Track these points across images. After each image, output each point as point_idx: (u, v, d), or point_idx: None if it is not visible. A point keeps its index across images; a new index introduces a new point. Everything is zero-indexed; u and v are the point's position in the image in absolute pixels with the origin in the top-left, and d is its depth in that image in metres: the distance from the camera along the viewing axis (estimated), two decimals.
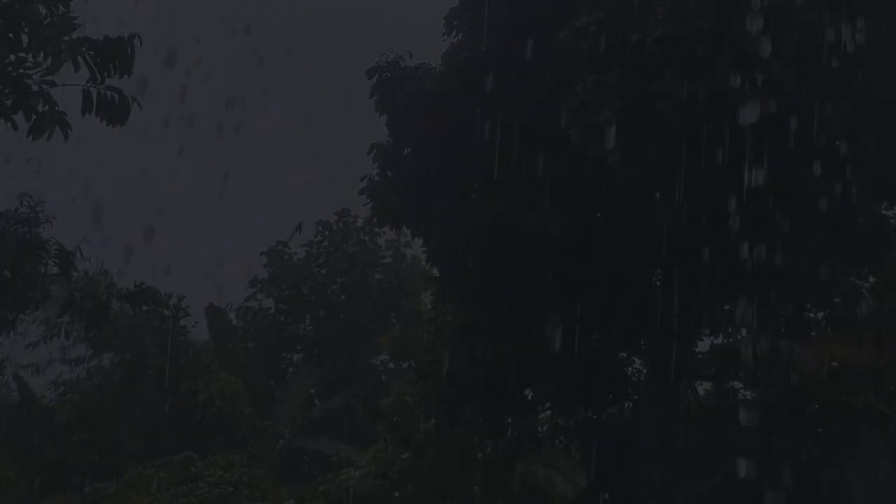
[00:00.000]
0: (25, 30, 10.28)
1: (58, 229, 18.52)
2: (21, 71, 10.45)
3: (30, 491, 27.51)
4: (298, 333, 39.25)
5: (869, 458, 16.27)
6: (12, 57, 10.38)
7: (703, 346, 19.54)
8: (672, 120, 14.69)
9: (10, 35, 10.26)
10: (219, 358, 34.24)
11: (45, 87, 10.45)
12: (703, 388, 20.04)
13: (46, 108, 10.42)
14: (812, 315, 18.62)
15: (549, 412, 21.11)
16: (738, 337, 19.08)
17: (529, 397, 20.39)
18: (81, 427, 30.70)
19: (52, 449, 30.01)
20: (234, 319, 38.53)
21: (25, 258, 17.44)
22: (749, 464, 15.06)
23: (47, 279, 16.83)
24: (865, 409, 16.22)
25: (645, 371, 19.79)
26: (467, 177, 18.64)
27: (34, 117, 10.41)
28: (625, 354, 20.02)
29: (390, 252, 39.36)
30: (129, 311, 25.15)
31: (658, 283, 18.88)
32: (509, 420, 20.62)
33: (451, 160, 18.06)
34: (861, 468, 16.43)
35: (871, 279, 18.14)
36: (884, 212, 17.65)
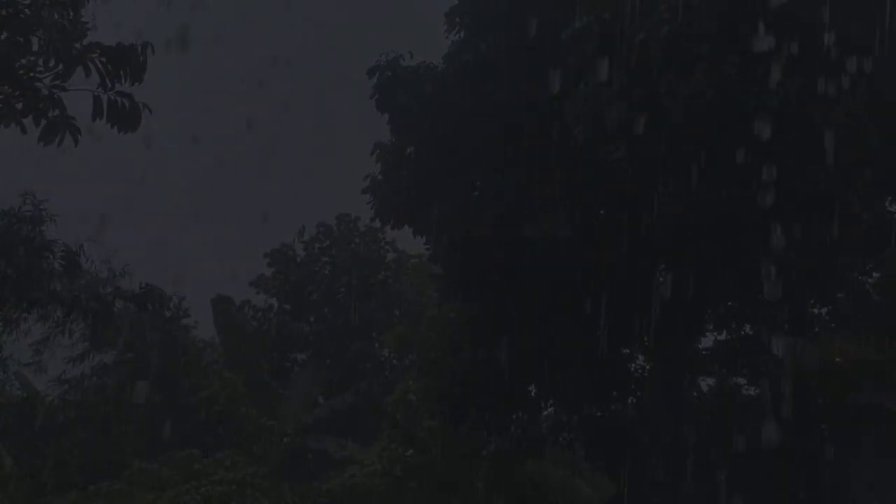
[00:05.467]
0: (37, 34, 10.25)
1: (60, 227, 18.53)
2: (32, 75, 10.43)
3: (33, 489, 27.53)
4: (302, 332, 39.48)
5: (873, 454, 16.29)
6: (23, 61, 10.35)
7: (706, 342, 19.58)
8: (678, 119, 14.67)
9: (21, 39, 10.23)
10: (225, 353, 34.32)
11: (55, 91, 10.42)
12: (706, 384, 20.08)
13: (56, 112, 10.39)
14: (816, 311, 18.64)
15: (552, 409, 21.14)
16: (742, 333, 19.13)
17: (533, 394, 20.41)
18: (84, 425, 30.70)
19: (54, 447, 30.01)
20: (236, 314, 38.67)
21: (30, 257, 17.38)
22: (752, 459, 15.09)
23: (53, 279, 16.77)
24: (870, 405, 16.23)
25: (648, 367, 19.81)
26: (470, 175, 18.63)
27: (44, 122, 10.38)
28: (628, 351, 20.04)
29: (391, 253, 39.57)
30: (132, 310, 25.11)
31: (661, 280, 18.88)
32: (514, 417, 20.64)
33: (454, 159, 18.05)
34: (865, 464, 16.45)
35: (875, 275, 18.15)
36: (888, 207, 17.66)
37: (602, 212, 18.17)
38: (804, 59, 14.18)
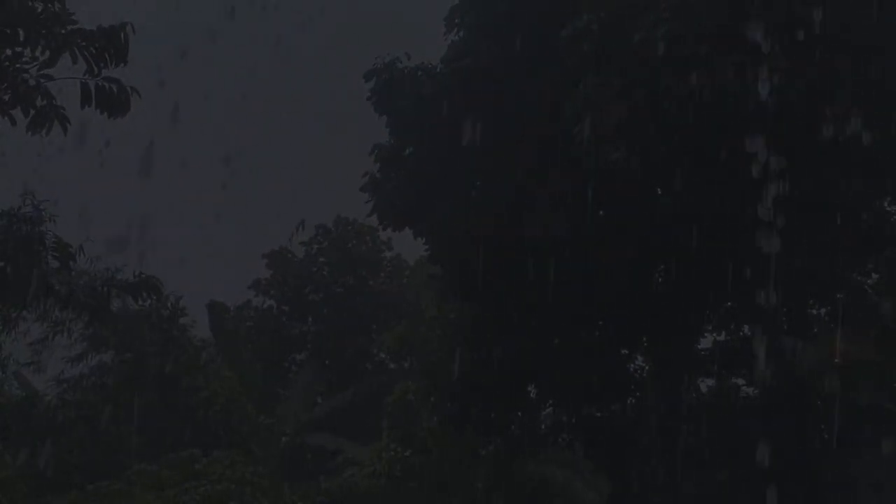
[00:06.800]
0: (23, 25, 10.16)
1: (59, 227, 18.51)
2: (18, 65, 10.37)
3: (31, 489, 27.49)
4: (301, 332, 39.50)
5: (874, 454, 16.25)
6: (9, 51, 10.30)
7: (705, 342, 19.55)
8: (677, 119, 14.67)
9: (7, 30, 10.18)
10: (222, 355, 34.29)
11: (42, 80, 10.36)
12: (705, 384, 20.03)
13: (45, 102, 10.33)
14: (815, 312, 18.61)
15: (552, 409, 21.12)
16: (741, 334, 19.09)
17: (533, 395, 20.39)
18: (83, 425, 30.68)
19: (53, 447, 29.97)
20: (233, 317, 38.65)
21: (28, 255, 17.35)
22: (752, 460, 15.05)
23: (47, 274, 16.67)
24: (869, 405, 16.21)
25: (647, 368, 19.79)
26: (469, 176, 18.61)
27: (32, 112, 10.33)
28: (627, 351, 20.01)
29: (388, 252, 39.65)
30: (129, 308, 25.08)
31: (660, 281, 18.87)
32: (513, 417, 20.62)
33: (453, 160, 18.03)
34: (866, 464, 16.42)
35: (875, 276, 18.12)
36: (887, 208, 17.64)
37: (601, 212, 18.15)
38: (803, 60, 14.19)
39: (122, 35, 10.35)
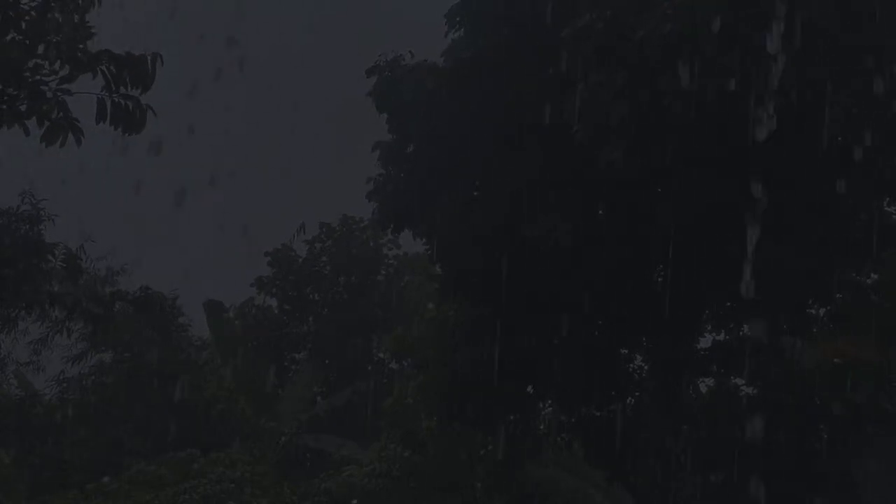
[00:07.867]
0: (44, 37, 10.18)
1: (58, 227, 18.53)
2: (38, 77, 10.39)
3: (30, 489, 27.52)
4: (302, 331, 39.53)
5: (872, 454, 16.29)
6: (30, 63, 10.31)
7: (704, 342, 19.54)
8: (679, 118, 14.67)
9: (27, 42, 10.19)
10: (220, 355, 34.31)
11: (59, 94, 10.38)
12: (705, 384, 20.03)
13: (60, 114, 10.33)
14: (814, 311, 18.61)
15: (550, 409, 21.10)
16: (741, 333, 19.11)
17: (532, 394, 20.38)
18: (82, 425, 30.71)
19: (53, 447, 30.01)
20: (233, 316, 38.67)
21: (28, 256, 17.39)
22: (752, 460, 15.10)
23: (53, 281, 16.78)
24: (868, 405, 16.23)
25: (647, 368, 19.78)
26: (470, 175, 18.60)
27: (47, 124, 10.33)
28: (626, 351, 20.00)
29: (393, 250, 39.68)
30: (130, 309, 25.16)
31: (660, 280, 18.87)
32: (511, 417, 20.61)
33: (454, 158, 18.02)
34: (864, 465, 16.44)
35: (874, 276, 18.13)
36: (886, 208, 17.66)
37: (601, 212, 18.15)
38: (805, 59, 14.20)
39: (151, 66, 10.32)
